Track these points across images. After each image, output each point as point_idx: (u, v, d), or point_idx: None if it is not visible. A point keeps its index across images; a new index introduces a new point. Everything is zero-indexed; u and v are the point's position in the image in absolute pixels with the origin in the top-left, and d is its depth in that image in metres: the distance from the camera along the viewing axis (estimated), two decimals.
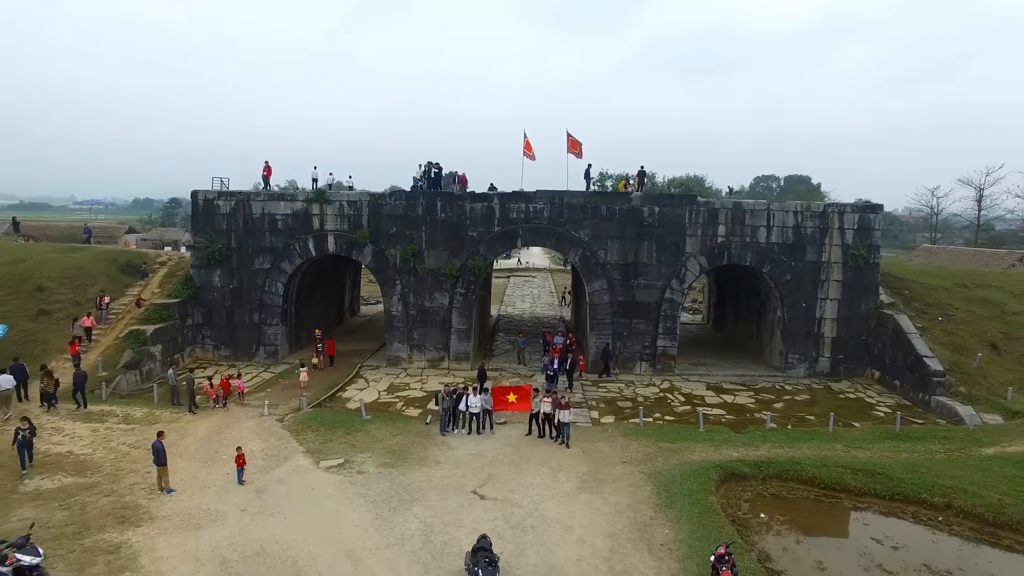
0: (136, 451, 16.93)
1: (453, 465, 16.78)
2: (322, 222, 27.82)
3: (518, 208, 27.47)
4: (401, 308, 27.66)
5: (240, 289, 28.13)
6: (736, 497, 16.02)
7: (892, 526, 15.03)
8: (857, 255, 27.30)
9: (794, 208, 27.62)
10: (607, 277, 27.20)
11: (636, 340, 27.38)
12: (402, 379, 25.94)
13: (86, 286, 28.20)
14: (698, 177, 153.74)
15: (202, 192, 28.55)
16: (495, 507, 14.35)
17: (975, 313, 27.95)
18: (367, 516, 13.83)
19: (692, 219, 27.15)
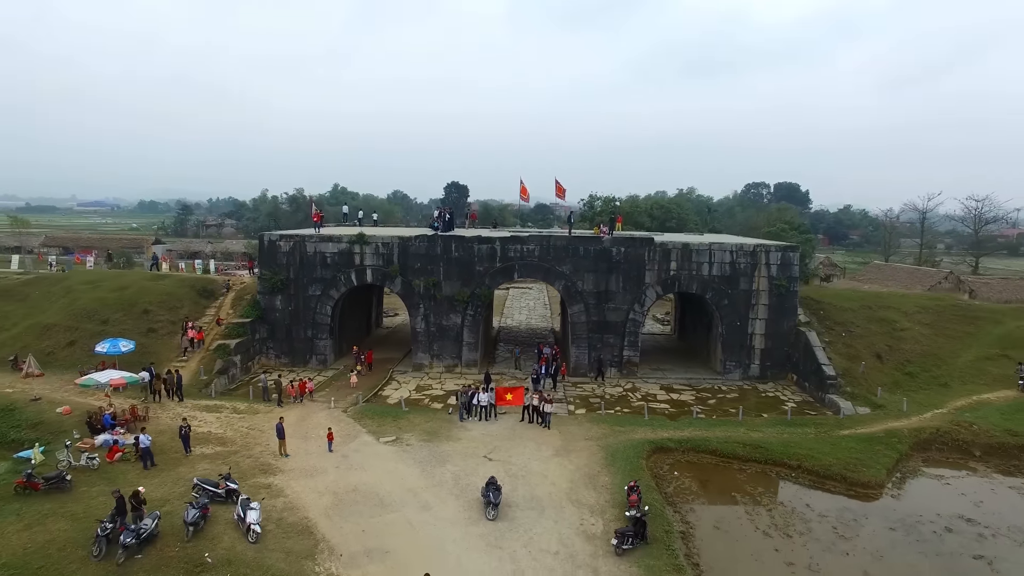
0: (253, 431, 24.66)
1: (469, 441, 24.51)
2: (362, 259, 35.55)
3: (515, 248, 35.22)
4: (424, 326, 35.42)
5: (297, 311, 35.86)
6: (661, 462, 23.73)
7: (759, 478, 22.79)
8: (780, 285, 35.00)
9: (730, 248, 35.34)
10: (584, 302, 34.97)
11: (607, 351, 35.12)
12: (426, 381, 33.68)
13: (177, 308, 36.01)
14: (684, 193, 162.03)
15: (267, 235, 36.39)
16: (498, 465, 22.04)
17: (871, 329, 35.77)
18: (416, 470, 21.57)
19: (650, 257, 34.92)
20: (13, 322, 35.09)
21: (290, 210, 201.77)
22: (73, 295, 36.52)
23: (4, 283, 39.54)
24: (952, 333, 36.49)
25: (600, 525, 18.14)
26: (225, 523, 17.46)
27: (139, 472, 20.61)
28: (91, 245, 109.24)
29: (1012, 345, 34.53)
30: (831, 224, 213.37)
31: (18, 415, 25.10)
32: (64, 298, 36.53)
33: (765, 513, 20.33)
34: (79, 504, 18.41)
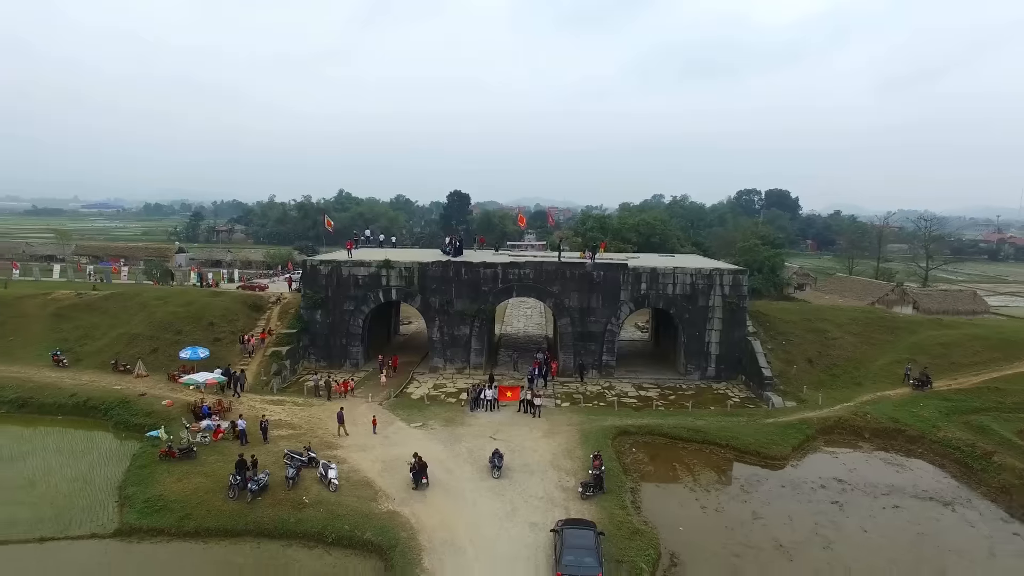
0: (313, 419, 32.27)
1: (478, 426, 32.12)
2: (388, 280, 43.18)
3: (513, 272, 42.87)
4: (439, 335, 43.07)
5: (334, 323, 43.47)
6: (623, 442, 31.31)
7: (695, 454, 30.39)
8: (731, 302, 42.61)
9: (691, 271, 42.94)
10: (570, 316, 42.63)
11: (589, 356, 42.76)
12: (441, 381, 41.29)
13: (234, 320, 43.70)
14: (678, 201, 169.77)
15: (309, 260, 44.17)
16: (500, 443, 29.55)
17: (807, 338, 43.48)
18: (440, 445, 29.19)
19: (624, 279, 42.57)
20: (103, 332, 42.79)
21: (298, 216, 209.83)
22: (149, 309, 44.20)
23: (87, 299, 47.07)
24: (874, 341, 44.19)
25: (573, 482, 25.77)
26: (311, 479, 25.10)
27: (238, 447, 28.18)
28: (119, 254, 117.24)
29: (921, 351, 42.20)
30: (820, 230, 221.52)
31: (134, 407, 32.81)
32: (142, 312, 44.20)
33: (694, 477, 27.97)
34: (205, 467, 26.07)
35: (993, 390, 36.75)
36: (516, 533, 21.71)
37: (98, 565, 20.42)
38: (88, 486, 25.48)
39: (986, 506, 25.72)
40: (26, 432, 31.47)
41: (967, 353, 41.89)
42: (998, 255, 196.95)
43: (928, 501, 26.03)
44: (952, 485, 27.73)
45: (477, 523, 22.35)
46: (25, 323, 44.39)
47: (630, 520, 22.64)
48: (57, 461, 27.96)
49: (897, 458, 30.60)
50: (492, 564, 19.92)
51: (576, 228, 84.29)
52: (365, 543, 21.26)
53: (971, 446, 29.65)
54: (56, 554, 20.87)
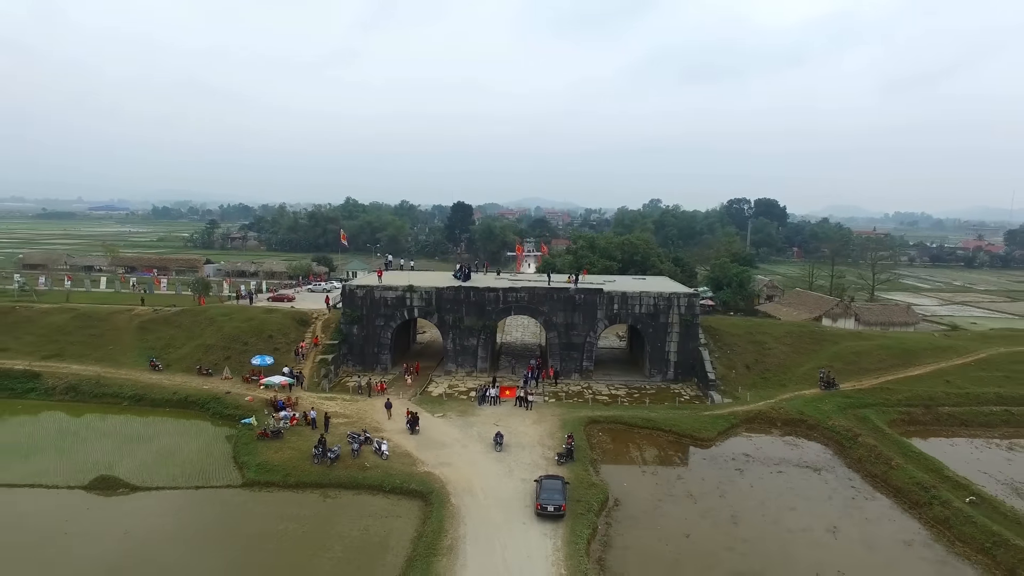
0: (360, 411, 42.84)
1: (484, 416, 42.71)
2: (411, 301, 53.78)
3: (512, 294, 53.48)
4: (452, 345, 53.68)
5: (367, 335, 54.05)
6: (592, 428, 41.84)
7: (645, 436, 40.97)
8: (686, 319, 53.18)
9: (654, 295, 53.50)
10: (556, 330, 53.25)
11: (572, 363, 53.34)
12: (454, 382, 51.86)
13: (288, 333, 54.37)
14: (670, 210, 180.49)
15: (348, 284, 54.68)
16: (501, 428, 39.97)
17: (747, 348, 54.08)
18: (456, 429, 39.81)
19: (600, 301, 53.17)
20: (181, 342, 53.45)
21: (309, 224, 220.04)
22: (217, 324, 54.85)
23: (163, 315, 57.69)
24: (803, 351, 54.79)
25: (552, 454, 36.32)
26: (368, 452, 35.66)
27: (310, 431, 38.75)
28: (152, 264, 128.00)
29: (838, 359, 52.74)
30: (807, 237, 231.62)
31: (224, 402, 43.48)
32: (211, 326, 54.86)
33: (641, 452, 38.57)
34: (291, 443, 36.67)
35: (884, 389, 47.40)
36: (511, 485, 32.29)
37: (239, 503, 30.99)
38: (211, 456, 36.12)
39: (844, 471, 36.34)
40: (148, 420, 42.08)
41: (873, 360, 52.50)
42: (974, 262, 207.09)
43: (804, 468, 36.66)
44: (827, 458, 38.36)
45: (485, 478, 32.95)
46: (118, 335, 55.06)
47: (589, 477, 33.23)
48: (181, 440, 38.62)
49: (795, 440, 41.23)
50: (496, 503, 30.48)
51: (568, 246, 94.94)
52: (411, 491, 31.84)
53: (847, 431, 40.26)
54: (209, 496, 31.51)
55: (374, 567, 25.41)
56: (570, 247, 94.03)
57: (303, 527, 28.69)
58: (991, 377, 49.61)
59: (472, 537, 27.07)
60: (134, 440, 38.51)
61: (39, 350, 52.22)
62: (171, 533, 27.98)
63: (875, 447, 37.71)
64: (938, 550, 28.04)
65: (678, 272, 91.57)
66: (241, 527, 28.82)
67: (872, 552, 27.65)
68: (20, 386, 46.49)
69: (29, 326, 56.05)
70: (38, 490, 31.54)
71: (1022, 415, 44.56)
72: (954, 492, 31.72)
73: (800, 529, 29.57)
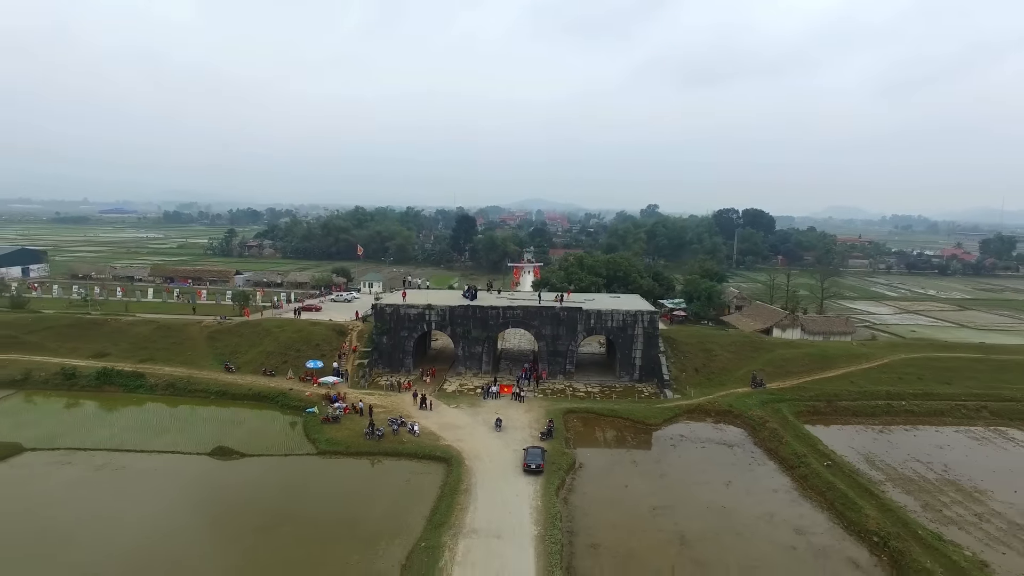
0: (394, 403, 56.38)
1: (488, 407, 56.19)
2: (429, 316, 67.31)
3: (509, 311, 67.00)
4: (461, 352, 67.22)
5: (393, 344, 67.55)
6: (569, 416, 55.27)
7: (608, 422, 54.46)
8: (648, 332, 66.60)
9: (623, 312, 66.93)
10: (545, 340, 66.78)
11: (558, 366, 66.83)
12: (464, 382, 65.33)
13: (330, 341, 68.02)
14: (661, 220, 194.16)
15: (378, 303, 68.26)
16: (501, 415, 53.49)
17: (698, 355, 67.57)
18: (467, 417, 53.36)
19: (580, 317, 66.66)
20: (245, 349, 67.03)
21: (321, 234, 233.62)
22: (273, 335, 68.46)
23: (226, 326, 71.27)
24: (744, 357, 68.20)
25: (537, 433, 49.78)
26: (404, 431, 49.17)
27: (359, 417, 52.25)
28: (187, 275, 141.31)
29: (771, 364, 66.08)
30: (792, 246, 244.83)
31: (289, 396, 57.08)
32: (268, 336, 68.46)
33: (604, 434, 52.04)
34: (346, 426, 50.22)
35: (799, 388, 60.91)
36: (507, 453, 45.78)
37: (318, 465, 44.50)
38: (289, 435, 49.66)
39: (750, 447, 49.82)
40: (232, 410, 55.61)
41: (799, 365, 65.95)
42: (947, 270, 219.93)
43: (722, 445, 50.14)
44: (741, 438, 51.85)
45: (489, 449, 46.45)
46: (193, 343, 68.68)
47: (562, 449, 46.72)
48: (262, 424, 52.20)
49: (721, 426, 54.71)
50: (496, 464, 43.91)
51: (561, 263, 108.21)
52: (437, 457, 45.30)
53: (760, 419, 53.71)
54: (295, 460, 45.04)
55: (418, 500, 38.88)
56: (562, 263, 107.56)
57: (366, 479, 42.31)
58: (887, 378, 63.05)
59: (480, 484, 40.61)
60: (228, 423, 52.09)
61: (134, 355, 65.84)
62: (276, 483, 41.53)
63: (776, 430, 51.17)
64: (794, 495, 41.51)
65: (656, 286, 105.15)
66: (323, 479, 42.37)
67: (749, 495, 41.11)
68: (130, 383, 60.08)
69: (121, 335, 69.73)
70: (178, 455, 45.14)
71: (899, 408, 57.99)
72: (818, 459, 45.15)
73: (705, 482, 43.04)
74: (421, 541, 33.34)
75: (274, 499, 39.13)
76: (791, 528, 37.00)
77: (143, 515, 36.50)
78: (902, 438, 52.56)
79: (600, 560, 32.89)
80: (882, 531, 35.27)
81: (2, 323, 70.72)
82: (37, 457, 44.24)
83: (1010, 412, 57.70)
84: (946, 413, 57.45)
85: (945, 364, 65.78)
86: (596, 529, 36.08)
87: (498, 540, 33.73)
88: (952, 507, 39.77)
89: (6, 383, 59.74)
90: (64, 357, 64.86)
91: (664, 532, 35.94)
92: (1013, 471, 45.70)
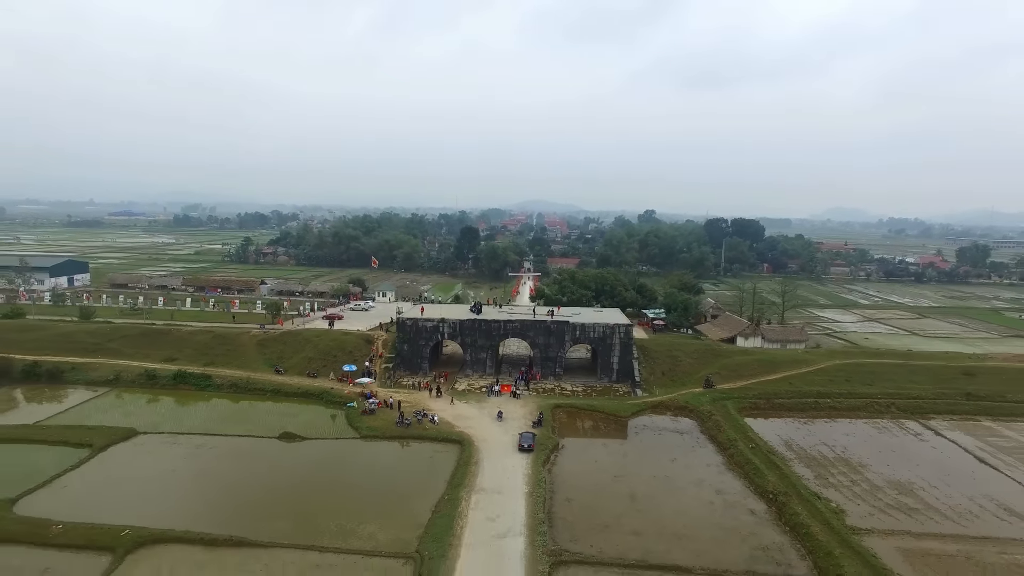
0: (416, 399, 70.18)
1: (492, 403, 69.92)
2: (442, 327, 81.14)
3: (509, 324, 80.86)
4: (469, 358, 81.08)
5: (413, 351, 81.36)
6: (557, 410, 68.92)
7: (587, 414, 68.20)
8: (624, 341, 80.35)
9: (603, 325, 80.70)
10: (539, 348, 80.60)
11: (549, 369, 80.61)
12: (471, 382, 79.07)
13: (361, 348, 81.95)
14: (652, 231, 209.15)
15: (400, 317, 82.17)
16: (502, 409, 67.31)
17: (665, 361, 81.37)
18: (475, 409, 67.18)
19: (567, 328, 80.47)
20: (290, 355, 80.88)
21: (333, 242, 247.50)
22: (313, 343, 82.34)
23: (271, 334, 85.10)
24: (704, 362, 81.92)
25: (530, 423, 63.54)
26: (427, 421, 62.99)
27: (390, 410, 66.03)
28: (216, 284, 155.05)
29: (725, 368, 79.80)
30: (777, 254, 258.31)
31: (331, 393, 70.95)
32: (308, 344, 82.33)
33: (583, 424, 65.79)
34: (381, 417, 64.07)
35: (745, 388, 74.63)
36: (507, 437, 59.53)
37: (362, 446, 58.24)
38: (335, 423, 63.41)
39: (697, 434, 63.53)
40: (286, 405, 69.35)
41: (748, 369, 79.67)
42: (923, 278, 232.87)
43: (675, 432, 63.88)
44: (691, 427, 65.57)
45: (493, 433, 60.23)
46: (245, 349, 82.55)
47: (549, 434, 60.46)
48: (312, 415, 65.94)
49: (677, 418, 68.41)
50: (498, 445, 57.66)
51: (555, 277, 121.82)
52: (452, 440, 59.01)
53: (708, 412, 67.37)
54: (343, 443, 58.82)
55: (440, 470, 52.54)
56: (556, 278, 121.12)
57: (399, 456, 56.17)
58: (819, 380, 76.74)
59: (486, 459, 54.38)
60: (285, 415, 65.85)
61: (198, 359, 79.69)
62: (332, 458, 55.31)
63: (719, 421, 64.88)
64: (722, 468, 55.21)
65: (639, 298, 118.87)
66: (367, 456, 56.14)
67: (687, 468, 54.83)
68: (200, 383, 73.91)
69: (185, 343, 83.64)
70: (254, 438, 58.95)
71: (824, 404, 71.64)
72: (746, 443, 58.81)
73: (656, 459, 56.75)
74: (445, 495, 47.16)
75: (332, 469, 52.96)
76: (713, 490, 50.77)
77: (243, 477, 50.37)
78: (820, 428, 66.27)
79: (572, 509, 46.67)
80: (776, 491, 48.99)
81: (89, 332, 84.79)
82: (149, 439, 58.15)
83: (913, 408, 71.33)
84: (861, 409, 71.11)
85: (869, 368, 79.44)
86: (570, 489, 49.86)
87: (499, 495, 47.54)
88: (836, 476, 53.48)
89: (101, 382, 73.72)
90: (141, 361, 78.75)
91: (619, 492, 49.68)
92: (895, 452, 59.43)
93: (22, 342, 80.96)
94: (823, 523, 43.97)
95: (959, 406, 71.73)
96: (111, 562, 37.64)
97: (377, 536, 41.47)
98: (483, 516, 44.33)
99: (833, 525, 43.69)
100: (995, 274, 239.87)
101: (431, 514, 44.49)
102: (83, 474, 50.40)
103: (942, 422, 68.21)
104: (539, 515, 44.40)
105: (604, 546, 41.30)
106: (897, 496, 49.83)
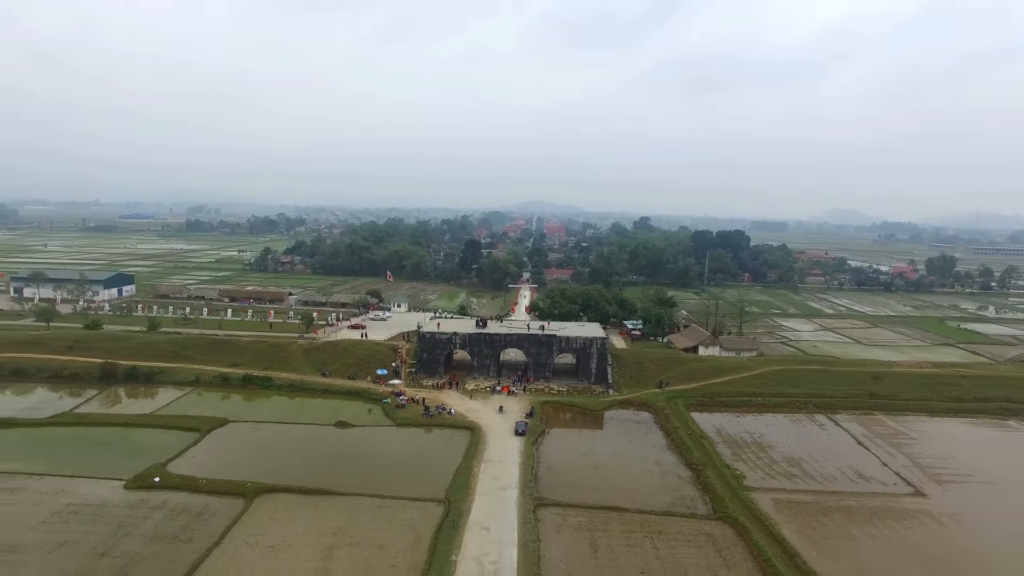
0: (435, 396, 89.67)
1: (494, 399, 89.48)
2: (455, 338, 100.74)
3: (508, 337, 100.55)
4: (476, 363, 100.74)
5: (431, 358, 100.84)
6: (545, 405, 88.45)
7: (569, 409, 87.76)
8: (600, 350, 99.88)
9: (584, 337, 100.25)
10: (532, 356, 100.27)
11: (540, 373, 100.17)
12: (477, 384, 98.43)
13: (389, 355, 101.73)
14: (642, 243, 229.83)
15: (421, 331, 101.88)
16: (503, 404, 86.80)
17: (634, 367, 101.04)
18: (480, 404, 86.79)
19: (556, 340, 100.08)
20: (332, 360, 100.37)
21: (346, 252, 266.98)
22: (350, 352, 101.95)
23: (314, 344, 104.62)
24: (665, 368, 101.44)
25: (524, 415, 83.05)
26: (445, 413, 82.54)
27: (416, 405, 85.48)
28: (250, 295, 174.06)
29: (682, 373, 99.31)
30: (760, 265, 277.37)
31: (369, 392, 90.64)
32: (346, 353, 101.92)
33: (564, 416, 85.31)
34: (410, 410, 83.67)
35: (694, 389, 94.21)
36: (507, 425, 79.01)
37: (398, 432, 77.67)
38: (375, 414, 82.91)
39: (652, 425, 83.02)
40: (332, 401, 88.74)
41: (700, 374, 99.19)
42: (891, 287, 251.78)
43: (635, 423, 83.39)
44: (648, 419, 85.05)
45: (496, 422, 79.75)
46: (294, 356, 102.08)
47: (537, 423, 79.96)
48: (357, 409, 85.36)
49: (638, 412, 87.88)
50: (499, 431, 77.09)
51: (549, 292, 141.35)
52: (465, 427, 78.45)
53: (662, 407, 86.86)
54: (384, 429, 78.35)
55: (456, 448, 71.92)
56: (550, 293, 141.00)
57: (426, 438, 75.76)
58: (756, 382, 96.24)
59: (491, 441, 73.88)
60: (335, 409, 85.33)
61: (257, 364, 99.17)
62: (376, 439, 74.78)
63: (669, 414, 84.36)
64: (664, 448, 74.65)
65: (620, 311, 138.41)
66: (403, 439, 75.54)
67: (639, 448, 74.32)
68: (263, 383, 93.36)
69: (244, 351, 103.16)
70: (316, 426, 78.46)
71: (756, 402, 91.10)
72: (685, 430, 78.27)
73: (617, 441, 76.22)
74: (461, 464, 66.67)
75: (379, 446, 72.51)
76: (654, 462, 70.33)
77: (316, 451, 69.92)
78: (747, 420, 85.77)
79: (551, 473, 66.17)
80: (698, 463, 68.49)
81: (167, 342, 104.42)
82: (238, 426, 77.65)
83: (826, 404, 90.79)
84: (784, 406, 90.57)
85: (797, 374, 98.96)
86: (552, 461, 69.39)
87: (500, 464, 67.12)
88: (747, 454, 72.95)
89: (185, 383, 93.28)
90: (212, 366, 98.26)
91: (587, 463, 69.19)
92: (800, 437, 78.97)
93: (117, 350, 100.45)
94: (725, 483, 63.54)
95: (862, 403, 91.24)
96: (245, 503, 57.12)
97: (418, 488, 61.04)
98: (489, 477, 63.90)
99: (732, 485, 63.25)
100: (959, 284, 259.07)
101: (452, 476, 63.96)
102: (201, 449, 69.97)
103: (845, 416, 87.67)
104: (528, 476, 63.95)
105: (572, 496, 60.83)
106: (786, 467, 69.38)
